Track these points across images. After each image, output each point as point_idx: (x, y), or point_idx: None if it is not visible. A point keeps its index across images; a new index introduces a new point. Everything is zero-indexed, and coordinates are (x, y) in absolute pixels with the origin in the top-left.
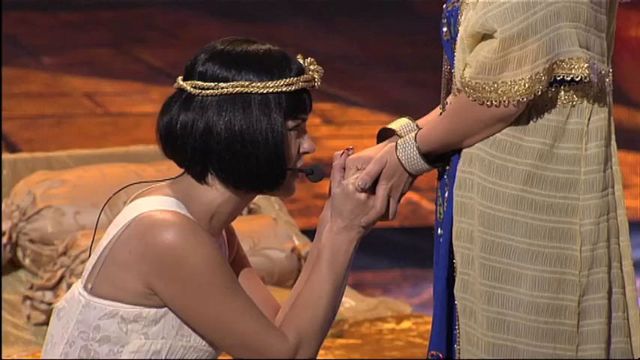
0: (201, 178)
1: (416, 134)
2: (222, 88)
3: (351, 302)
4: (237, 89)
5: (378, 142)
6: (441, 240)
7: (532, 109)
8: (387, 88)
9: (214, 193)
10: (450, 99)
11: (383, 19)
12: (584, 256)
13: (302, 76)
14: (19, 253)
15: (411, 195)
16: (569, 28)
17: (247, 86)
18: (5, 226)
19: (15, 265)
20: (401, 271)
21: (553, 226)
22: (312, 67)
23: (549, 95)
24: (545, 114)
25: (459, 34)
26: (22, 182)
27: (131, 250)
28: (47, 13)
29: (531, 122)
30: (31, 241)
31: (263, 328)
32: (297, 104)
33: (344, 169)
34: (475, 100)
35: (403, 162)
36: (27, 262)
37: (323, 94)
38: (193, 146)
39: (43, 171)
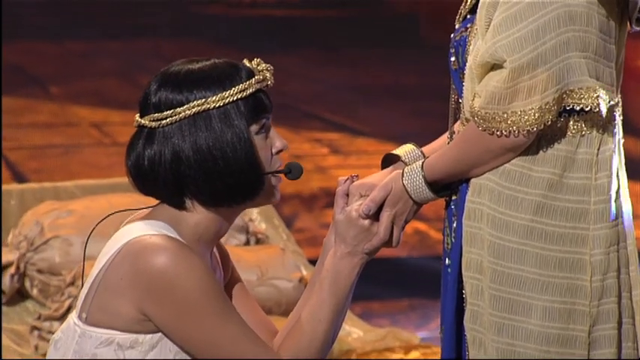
0: (180, 206)
1: (422, 162)
2: (180, 112)
3: (359, 332)
4: (194, 109)
5: (382, 168)
6: (449, 270)
7: (541, 139)
8: (394, 118)
9: (197, 215)
10: (457, 127)
11: (389, 49)
12: (595, 286)
13: (253, 79)
14: (27, 284)
15: (418, 225)
16: (579, 57)
17: (203, 103)
18: (13, 257)
19: (23, 295)
20: (409, 301)
21: (563, 256)
22: (260, 66)
23: (559, 125)
24: (555, 144)
25: (467, 64)
26: (30, 212)
27: (123, 276)
28: (54, 43)
29: (541, 152)
30: (39, 271)
31: (259, 352)
32: (256, 106)
33: (347, 195)
34: (485, 130)
35: (409, 190)
36: (35, 292)
37: (330, 124)
38: (165, 177)
39: (50, 201)
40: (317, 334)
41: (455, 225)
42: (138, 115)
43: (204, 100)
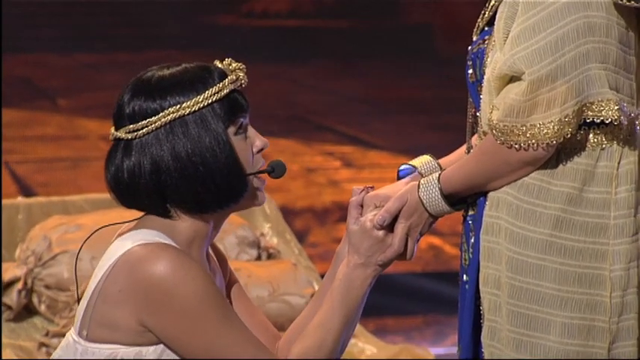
0: (165, 216)
1: (439, 175)
2: (155, 121)
3: (372, 349)
4: (169, 117)
5: (398, 179)
6: (467, 286)
7: (561, 152)
8: (408, 131)
9: (185, 222)
10: (475, 141)
11: (403, 61)
12: (615, 302)
13: (226, 79)
14: (35, 299)
15: (433, 240)
16: (599, 69)
17: (178, 110)
18: (20, 272)
19: (30, 311)
20: (423, 318)
21: (582, 271)
22: (232, 66)
23: (578, 138)
24: (575, 157)
25: (485, 76)
26: (38, 227)
27: (121, 288)
28: (63, 55)
29: (560, 166)
30: (47, 286)
31: (262, 356)
32: (232, 107)
33: (362, 206)
34: (503, 143)
35: (424, 202)
36: (42, 308)
37: (343, 136)
38: (146, 188)
39: (58, 215)
40: (325, 342)
41: (472, 240)
42: (113, 128)
43: (178, 106)
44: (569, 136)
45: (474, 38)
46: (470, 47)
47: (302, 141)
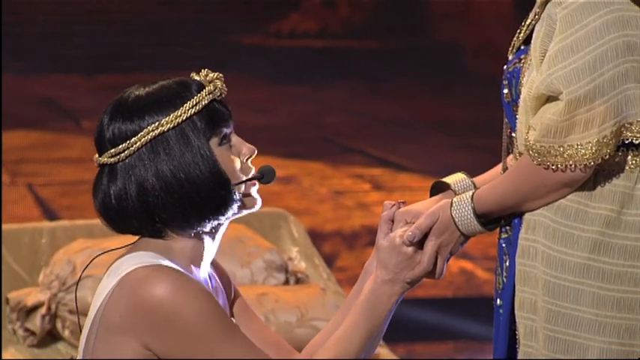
0: (158, 236)
1: (473, 193)
2: (136, 142)
3: None
4: (149, 135)
5: (430, 196)
6: (501, 311)
7: (598, 173)
8: (439, 153)
9: (179, 242)
10: (510, 161)
11: (434, 81)
12: None
13: (204, 90)
14: (59, 325)
15: (464, 264)
16: (638, 89)
17: (157, 127)
18: (44, 297)
19: (54, 337)
20: (454, 344)
21: (621, 296)
22: (209, 77)
23: (616, 159)
24: (613, 179)
25: (521, 96)
26: (62, 251)
27: (122, 313)
28: (87, 76)
29: (598, 187)
30: (71, 312)
31: None
32: (212, 118)
33: (392, 221)
34: (540, 164)
35: (456, 221)
36: (66, 333)
37: (373, 158)
38: (134, 210)
39: (83, 239)
40: (347, 355)
41: (507, 264)
42: (96, 154)
43: (157, 123)
44: (607, 157)
45: (510, 57)
46: (505, 66)
47: (330, 163)
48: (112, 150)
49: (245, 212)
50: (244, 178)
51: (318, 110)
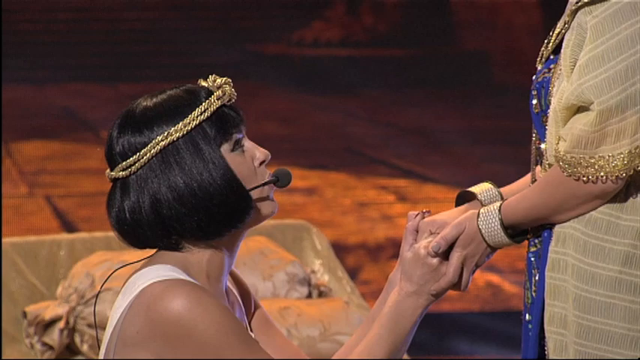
0: (175, 249)
1: (500, 205)
2: (146, 154)
3: None
4: (159, 146)
5: (456, 206)
6: (530, 326)
7: (630, 185)
8: (465, 163)
9: (197, 253)
10: (539, 173)
11: (460, 90)
12: None
13: (212, 96)
14: (77, 339)
15: (491, 277)
16: None
17: (167, 137)
18: (62, 310)
19: (72, 351)
20: (482, 358)
21: None
22: (217, 82)
23: None
24: None
25: (551, 106)
26: (80, 263)
27: (139, 329)
28: (107, 85)
29: (630, 199)
30: (90, 326)
31: None
32: (223, 124)
33: (417, 231)
34: (570, 176)
35: (483, 232)
36: (85, 348)
37: (397, 169)
38: (149, 224)
39: (102, 251)
40: None
41: (537, 277)
42: (108, 169)
43: (166, 133)
44: (639, 168)
45: (539, 67)
46: (534, 77)
47: (354, 174)
48: (123, 163)
49: (263, 219)
50: (260, 184)
51: (341, 120)
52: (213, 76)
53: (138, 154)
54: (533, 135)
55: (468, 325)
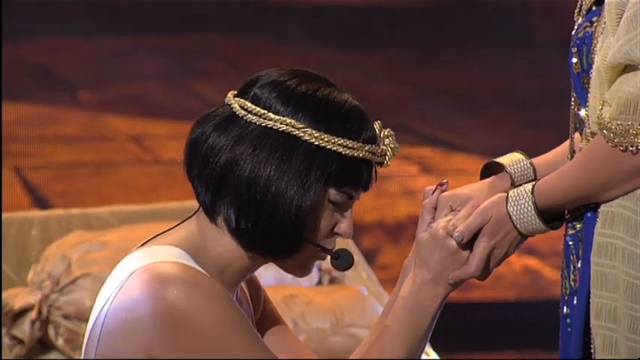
0: (210, 212)
1: (533, 185)
2: (270, 119)
3: None
4: (284, 127)
5: (481, 178)
6: (569, 320)
7: None
8: (499, 130)
9: (225, 242)
10: (579, 143)
11: (494, 47)
12: None
13: (369, 146)
14: (51, 332)
15: (529, 261)
16: None
17: (298, 129)
18: (34, 299)
19: (45, 345)
20: (518, 353)
21: None
22: (387, 140)
23: None
24: None
25: (594, 66)
26: (55, 245)
27: (127, 316)
28: (86, 40)
29: None
30: (65, 316)
31: None
32: (350, 176)
33: (435, 209)
34: (616, 146)
35: (514, 219)
36: (60, 342)
37: (421, 137)
38: (211, 172)
39: (79, 231)
40: None
41: (579, 264)
42: (233, 92)
43: (301, 126)
44: None
45: (579, 20)
46: (574, 31)
47: None
48: (248, 104)
49: (286, 270)
50: (320, 244)
51: (359, 80)
52: (389, 130)
53: (265, 112)
54: (572, 99)
55: (503, 315)
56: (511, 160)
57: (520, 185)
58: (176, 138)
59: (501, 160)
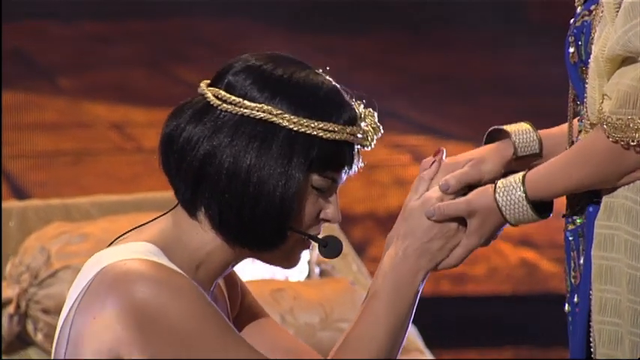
0: (189, 207)
1: (524, 176)
2: (246, 107)
3: None
4: (261, 114)
5: (485, 144)
6: (570, 319)
7: None
8: (493, 118)
9: (203, 236)
10: (576, 131)
11: (491, 32)
12: None
13: (350, 127)
14: (30, 327)
15: (526, 253)
16: None
17: (276, 115)
18: (12, 293)
19: (24, 341)
20: (514, 351)
21: None
22: (368, 119)
23: None
24: None
25: (592, 55)
26: (34, 236)
27: (95, 314)
28: (67, 24)
29: None
30: (45, 311)
31: None
32: (332, 159)
33: (432, 180)
34: (617, 141)
35: (502, 208)
36: (39, 337)
37: (413, 124)
38: (189, 166)
39: (59, 222)
40: (370, 354)
41: (581, 260)
42: (206, 82)
43: (279, 112)
44: None
45: (578, 9)
46: (572, 20)
47: None
48: (222, 92)
49: (273, 263)
50: (307, 233)
51: (348, 65)
52: (370, 109)
53: (241, 100)
54: (570, 89)
55: (498, 311)
56: (517, 128)
57: (522, 157)
58: (159, 126)
59: (508, 127)
